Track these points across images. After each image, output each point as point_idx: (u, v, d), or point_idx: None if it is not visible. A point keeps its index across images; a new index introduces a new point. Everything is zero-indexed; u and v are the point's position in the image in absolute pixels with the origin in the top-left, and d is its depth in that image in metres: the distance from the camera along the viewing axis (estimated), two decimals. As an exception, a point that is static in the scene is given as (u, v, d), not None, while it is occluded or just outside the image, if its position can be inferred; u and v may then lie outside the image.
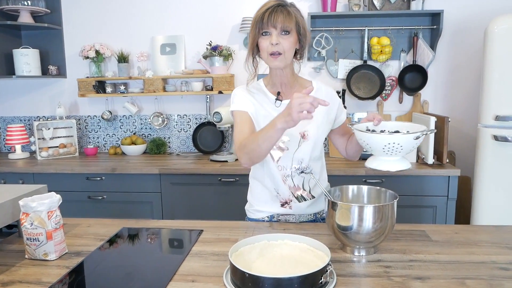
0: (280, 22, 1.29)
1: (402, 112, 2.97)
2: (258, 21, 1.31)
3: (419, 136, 1.17)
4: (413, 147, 1.20)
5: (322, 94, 1.45)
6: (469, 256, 1.15)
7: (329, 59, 2.96)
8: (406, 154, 1.23)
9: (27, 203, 1.14)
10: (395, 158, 1.22)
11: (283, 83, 1.42)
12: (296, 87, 1.45)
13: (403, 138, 1.16)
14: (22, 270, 1.10)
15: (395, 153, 1.19)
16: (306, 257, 1.09)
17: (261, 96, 1.44)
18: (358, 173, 2.45)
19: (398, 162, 1.23)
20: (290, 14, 1.31)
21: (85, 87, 3.08)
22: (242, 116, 1.40)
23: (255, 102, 1.43)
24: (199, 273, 1.06)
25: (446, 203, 2.44)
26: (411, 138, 1.16)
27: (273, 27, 1.30)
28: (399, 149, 1.18)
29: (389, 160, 1.23)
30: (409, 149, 1.19)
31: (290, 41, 1.32)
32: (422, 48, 2.81)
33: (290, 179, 1.44)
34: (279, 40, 1.30)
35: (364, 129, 1.28)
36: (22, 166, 2.76)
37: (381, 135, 1.18)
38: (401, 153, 1.20)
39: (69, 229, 1.42)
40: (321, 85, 1.49)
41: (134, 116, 3.24)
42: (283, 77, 1.41)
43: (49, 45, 3.20)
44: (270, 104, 1.43)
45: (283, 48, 1.31)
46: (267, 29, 1.30)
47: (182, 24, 3.09)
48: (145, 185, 2.65)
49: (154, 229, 1.41)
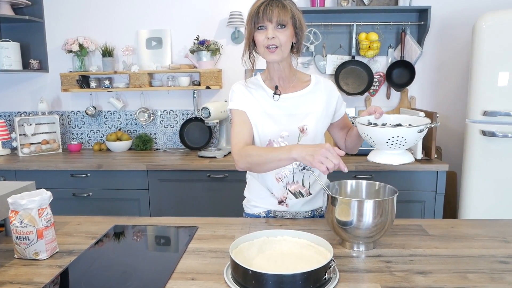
0: (276, 15, 1.27)
1: (389, 108, 2.99)
2: (253, 16, 1.30)
3: (423, 129, 1.17)
4: (416, 140, 1.21)
5: (321, 88, 1.44)
6: (468, 250, 1.16)
7: (318, 55, 2.95)
8: (408, 148, 1.23)
9: (16, 201, 1.09)
10: (398, 152, 1.23)
11: (280, 77, 1.41)
12: (294, 81, 1.44)
13: (407, 131, 1.16)
14: (12, 271, 1.05)
15: (398, 147, 1.19)
16: (307, 253, 1.07)
17: (259, 91, 1.43)
18: (348, 168, 2.44)
19: (401, 155, 1.24)
20: (286, 7, 1.29)
21: (68, 82, 2.99)
22: (240, 116, 1.39)
23: (253, 99, 1.41)
24: (198, 271, 1.04)
25: (435, 198, 2.47)
26: (415, 131, 1.16)
27: (269, 21, 1.28)
28: (403, 143, 1.18)
29: (392, 154, 1.23)
30: (412, 142, 1.20)
31: (286, 35, 1.30)
32: (410, 44, 2.83)
33: (291, 175, 1.42)
34: (275, 33, 1.28)
35: (366, 122, 1.27)
36: (3, 162, 2.66)
37: (385, 129, 1.18)
38: (405, 147, 1.20)
39: (59, 227, 1.37)
40: (320, 79, 1.48)
41: (120, 112, 3.17)
42: (281, 71, 1.39)
43: (30, 38, 3.09)
44: (268, 99, 1.41)
45: (280, 41, 1.29)
46: (262, 23, 1.29)
47: (168, 18, 3.03)
48: (132, 182, 2.59)
49: (147, 227, 1.37)
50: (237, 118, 1.40)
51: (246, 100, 1.41)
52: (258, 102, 1.41)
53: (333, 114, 1.48)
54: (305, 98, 1.42)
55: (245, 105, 1.40)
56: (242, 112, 1.40)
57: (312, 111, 1.42)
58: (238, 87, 1.45)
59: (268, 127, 1.40)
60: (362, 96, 2.99)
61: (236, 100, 1.42)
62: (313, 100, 1.43)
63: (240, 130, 1.37)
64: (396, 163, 1.23)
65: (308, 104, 1.42)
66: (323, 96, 1.44)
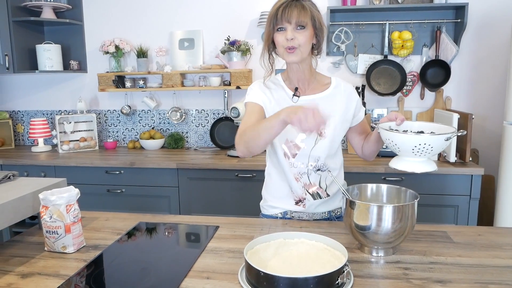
0: (295, 17, 1.27)
1: (423, 109, 2.90)
2: (272, 17, 1.30)
3: (450, 137, 1.15)
4: (442, 149, 1.18)
5: (340, 91, 1.43)
6: (493, 260, 1.11)
7: (349, 54, 2.91)
8: (433, 156, 1.20)
9: (47, 197, 1.16)
10: (421, 159, 1.20)
11: (300, 79, 1.41)
12: (314, 83, 1.43)
13: (434, 139, 1.14)
14: (41, 262, 1.12)
15: (424, 154, 1.17)
16: (323, 256, 1.07)
17: (278, 91, 1.43)
18: (377, 171, 2.40)
19: (424, 163, 1.20)
20: (305, 8, 1.28)
21: (105, 82, 3.11)
22: (254, 107, 1.39)
23: (271, 98, 1.41)
24: (214, 270, 1.06)
25: (469, 203, 2.37)
26: (442, 139, 1.14)
27: (288, 22, 1.28)
28: (429, 150, 1.15)
29: (415, 161, 1.20)
30: (438, 150, 1.17)
31: (306, 36, 1.29)
32: (446, 43, 2.73)
33: (306, 177, 1.42)
34: (294, 34, 1.28)
35: (387, 128, 1.25)
36: (44, 159, 2.81)
37: (413, 136, 1.16)
38: (430, 154, 1.17)
39: (88, 222, 1.44)
40: (340, 82, 1.46)
41: (153, 111, 3.26)
42: (300, 72, 1.39)
43: (70, 41, 3.25)
44: (287, 100, 1.41)
45: (299, 43, 1.29)
46: (281, 24, 1.29)
47: (200, 19, 3.09)
48: (163, 180, 2.67)
49: (170, 224, 1.41)
50: (249, 109, 1.40)
51: (264, 97, 1.41)
52: (277, 102, 1.41)
53: (352, 118, 1.46)
54: (324, 101, 1.41)
55: (261, 101, 1.40)
56: (256, 104, 1.39)
57: (331, 114, 1.40)
58: (258, 85, 1.45)
59: (287, 127, 1.38)
60: (394, 97, 2.91)
61: (252, 94, 1.42)
62: (332, 103, 1.41)
63: (248, 119, 1.36)
64: (418, 171, 1.19)
65: (327, 107, 1.40)
66: (342, 100, 1.43)
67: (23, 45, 3.03)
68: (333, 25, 2.83)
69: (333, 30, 2.85)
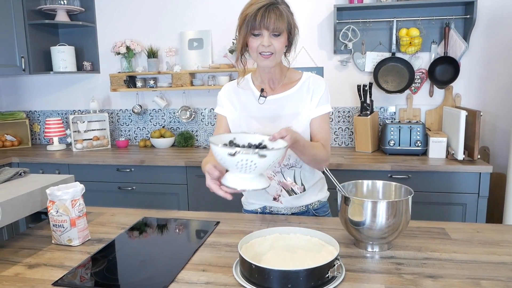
0: (273, 24, 1.26)
1: (432, 106, 2.88)
2: (249, 21, 1.27)
3: (236, 152, 1.01)
4: (268, 164, 1.06)
5: (307, 86, 1.42)
6: (489, 256, 1.11)
7: (356, 52, 2.91)
8: (263, 172, 1.11)
9: (53, 192, 1.21)
10: (249, 176, 1.09)
11: (270, 78, 1.43)
12: (283, 81, 1.45)
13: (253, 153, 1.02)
14: (48, 254, 1.18)
15: (249, 171, 1.06)
16: (317, 251, 1.09)
17: (247, 93, 1.46)
18: (383, 168, 2.40)
19: (252, 180, 1.10)
20: (282, 14, 1.28)
21: (116, 82, 3.18)
22: (220, 119, 1.50)
23: (237, 103, 1.46)
24: (211, 263, 1.09)
25: (477, 201, 2.35)
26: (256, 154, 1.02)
27: (265, 29, 1.27)
28: (252, 167, 1.04)
29: (242, 177, 1.09)
30: (263, 167, 1.06)
31: (281, 42, 1.31)
32: (454, 39, 2.71)
33: (281, 174, 1.45)
34: (271, 41, 1.29)
35: (228, 140, 1.17)
36: (59, 157, 2.90)
37: (224, 149, 1.03)
38: (256, 171, 1.07)
39: (94, 217, 1.49)
40: (309, 77, 1.45)
41: (163, 110, 3.32)
42: (271, 74, 1.41)
43: (84, 42, 3.34)
44: (254, 102, 1.45)
45: (274, 49, 1.30)
46: (259, 30, 1.28)
47: (209, 19, 3.13)
48: (172, 177, 2.72)
49: (173, 220, 1.45)
50: (217, 119, 1.52)
51: (229, 106, 1.47)
52: (244, 106, 1.45)
53: None
54: (291, 98, 1.42)
55: (226, 111, 1.48)
56: (222, 117, 1.49)
57: (299, 112, 1.41)
58: (226, 90, 1.50)
59: (254, 129, 1.41)
60: (403, 94, 2.90)
61: (219, 105, 1.51)
62: (299, 99, 1.42)
63: (216, 130, 1.52)
64: (248, 188, 1.09)
65: (294, 105, 1.41)
66: (308, 95, 1.42)
67: (39, 47, 3.13)
68: (340, 23, 2.84)
69: (340, 28, 2.86)
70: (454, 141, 2.44)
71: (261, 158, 1.02)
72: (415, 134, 2.59)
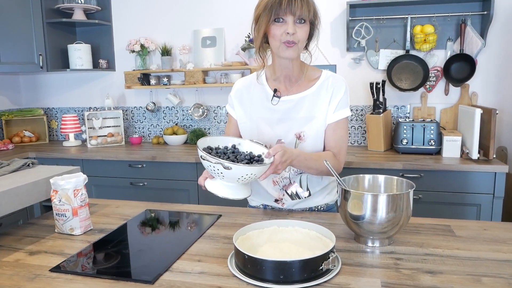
0: (299, 9, 1.18)
1: (448, 105, 2.81)
2: (273, 6, 1.19)
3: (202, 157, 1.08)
4: (234, 177, 1.09)
5: (326, 87, 1.34)
6: (493, 254, 1.07)
7: (370, 50, 2.86)
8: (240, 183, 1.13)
9: (56, 181, 1.23)
10: (230, 184, 1.12)
11: (287, 75, 1.34)
12: (301, 80, 1.36)
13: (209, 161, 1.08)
14: (50, 242, 1.20)
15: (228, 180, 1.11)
16: (315, 245, 1.07)
17: (260, 91, 1.39)
18: (394, 167, 2.36)
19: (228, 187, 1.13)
20: (309, 0, 1.22)
21: (131, 80, 3.23)
22: (230, 119, 1.50)
23: (249, 105, 1.40)
24: (207, 254, 1.09)
25: (492, 202, 2.28)
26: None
27: (291, 14, 1.19)
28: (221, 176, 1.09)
29: (225, 185, 1.13)
30: (229, 177, 1.09)
31: (306, 31, 1.23)
32: (471, 36, 2.63)
33: (288, 180, 1.40)
34: (295, 29, 1.20)
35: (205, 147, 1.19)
36: (74, 153, 2.96)
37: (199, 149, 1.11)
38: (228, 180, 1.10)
39: (99, 209, 1.51)
40: (329, 77, 1.36)
41: (176, 107, 3.35)
42: (289, 69, 1.32)
43: (100, 40, 3.40)
44: (266, 102, 1.37)
45: (298, 38, 1.22)
46: (284, 16, 1.20)
47: (222, 17, 3.14)
48: (182, 174, 2.74)
49: (175, 212, 1.46)
50: (228, 122, 1.51)
51: (239, 107, 1.43)
52: (255, 106, 1.39)
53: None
54: (307, 100, 1.34)
55: (236, 113, 1.45)
56: (231, 117, 1.48)
57: (314, 116, 1.33)
58: (236, 90, 1.45)
59: (264, 132, 1.36)
60: (417, 92, 2.84)
61: (230, 103, 1.48)
62: (315, 102, 1.33)
63: (226, 128, 1.51)
64: (218, 194, 1.12)
65: (310, 108, 1.33)
66: (326, 97, 1.33)
67: (56, 45, 3.21)
68: (353, 21, 2.80)
69: (353, 25, 2.82)
70: (469, 140, 2.37)
71: (226, 169, 1.06)
72: (429, 132, 2.54)
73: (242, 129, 1.45)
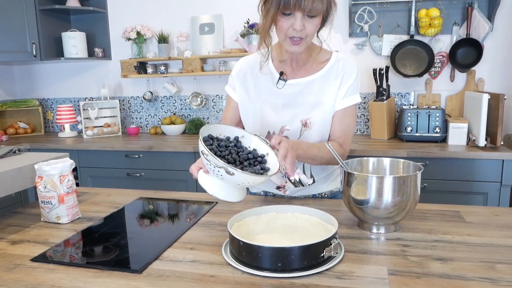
0: (310, 3, 1.05)
1: (453, 92, 2.72)
2: None
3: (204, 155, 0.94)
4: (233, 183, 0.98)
5: (336, 70, 1.26)
6: (506, 240, 1.00)
7: (373, 35, 2.77)
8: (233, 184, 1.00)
9: (41, 167, 1.16)
10: (228, 186, 1.01)
11: (293, 58, 1.26)
12: (309, 62, 1.26)
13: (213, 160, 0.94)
14: (34, 231, 1.13)
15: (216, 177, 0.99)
16: (316, 231, 1.00)
17: (266, 73, 1.29)
18: (398, 155, 2.28)
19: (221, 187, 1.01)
20: None
21: (127, 68, 3.15)
22: (230, 101, 1.38)
23: (252, 88, 1.29)
24: (200, 242, 1.02)
25: (499, 190, 2.20)
26: None
27: (300, 10, 1.07)
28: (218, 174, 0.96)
29: (213, 181, 1.02)
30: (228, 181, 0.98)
31: (315, 24, 1.11)
32: (478, 20, 2.54)
33: None
34: (304, 24, 1.10)
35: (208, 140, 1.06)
36: (70, 143, 2.89)
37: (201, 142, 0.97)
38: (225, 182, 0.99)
39: (90, 197, 1.44)
40: (340, 59, 1.27)
41: (174, 97, 3.27)
42: (296, 54, 1.22)
43: (95, 28, 3.31)
44: (271, 85, 1.28)
45: (306, 33, 1.12)
46: (292, 10, 1.08)
47: (220, 3, 3.05)
48: (180, 163, 2.67)
49: (169, 200, 1.39)
50: (227, 100, 1.39)
51: (242, 89, 1.31)
52: (258, 89, 1.28)
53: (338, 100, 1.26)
54: (315, 84, 1.25)
55: (237, 95, 1.33)
56: (232, 100, 1.36)
57: (321, 102, 1.25)
58: (239, 69, 1.32)
59: (268, 117, 1.27)
60: (421, 78, 2.75)
61: (231, 84, 1.35)
62: (324, 86, 1.25)
63: (225, 112, 1.39)
64: (210, 192, 1.01)
65: (317, 92, 1.25)
66: (336, 82, 1.25)
67: (50, 33, 3.12)
68: (355, 5, 2.71)
69: (356, 10, 2.73)
70: (475, 127, 2.29)
71: (228, 174, 0.93)
72: (434, 120, 2.45)
73: (243, 114, 1.34)
